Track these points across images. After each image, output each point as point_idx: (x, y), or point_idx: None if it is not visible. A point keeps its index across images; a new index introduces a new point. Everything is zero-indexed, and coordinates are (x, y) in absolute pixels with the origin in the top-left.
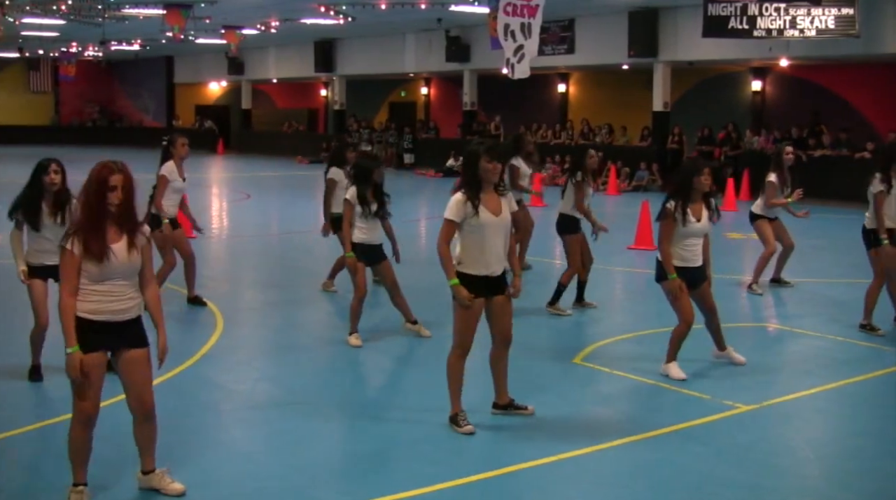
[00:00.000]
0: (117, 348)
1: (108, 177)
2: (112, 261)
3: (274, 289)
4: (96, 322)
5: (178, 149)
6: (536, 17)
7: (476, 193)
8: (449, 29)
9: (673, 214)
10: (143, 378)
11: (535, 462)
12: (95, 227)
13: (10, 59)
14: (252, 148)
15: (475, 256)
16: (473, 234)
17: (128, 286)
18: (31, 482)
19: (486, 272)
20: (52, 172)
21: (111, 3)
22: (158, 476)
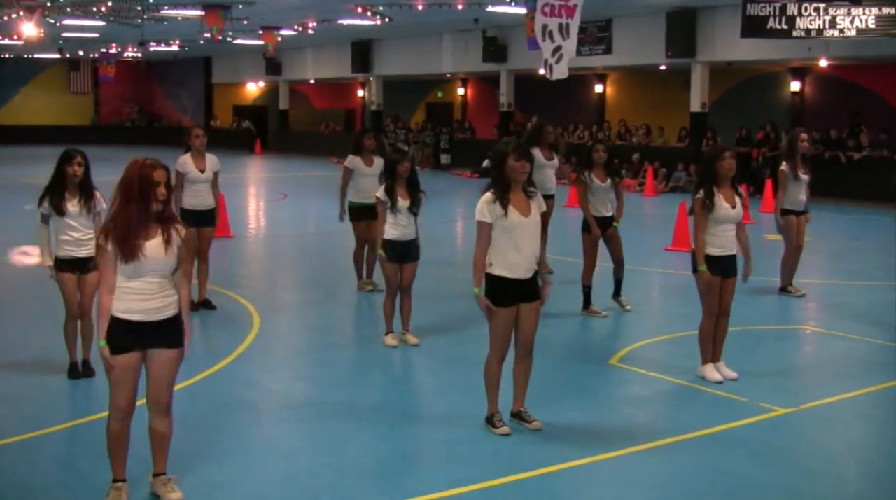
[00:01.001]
0: (151, 348)
1: (151, 174)
2: (146, 258)
3: (310, 288)
4: (131, 322)
5: (192, 140)
6: (574, 18)
7: (504, 193)
8: (486, 29)
9: (703, 201)
10: (167, 377)
11: (570, 464)
12: (134, 224)
13: (51, 61)
14: (289, 148)
15: (504, 257)
16: (502, 235)
17: (163, 284)
18: (69, 479)
19: (516, 275)
20: (75, 164)
21: (150, 4)
22: (161, 482)
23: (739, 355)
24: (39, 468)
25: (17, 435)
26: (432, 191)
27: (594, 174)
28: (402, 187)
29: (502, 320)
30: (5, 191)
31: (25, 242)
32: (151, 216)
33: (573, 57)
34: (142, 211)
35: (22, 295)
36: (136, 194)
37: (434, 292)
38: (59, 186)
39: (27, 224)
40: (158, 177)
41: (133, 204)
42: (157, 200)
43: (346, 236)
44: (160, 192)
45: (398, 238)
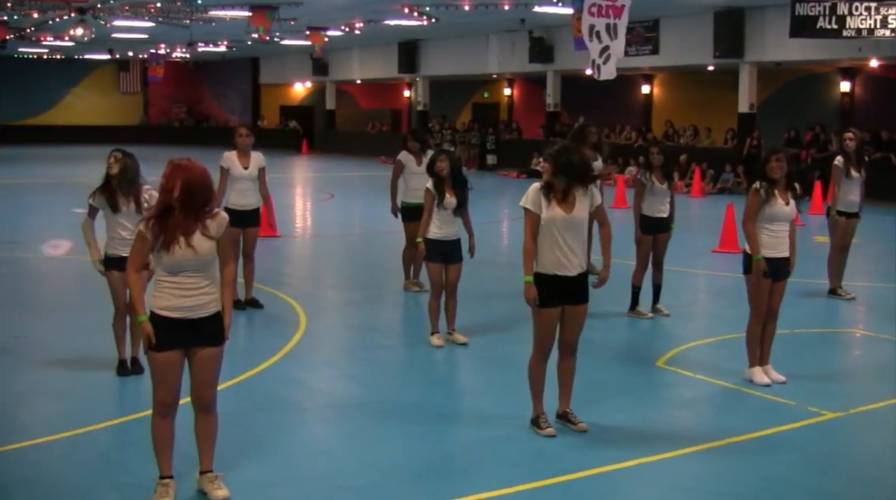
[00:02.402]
0: (192, 346)
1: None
2: (182, 251)
3: (356, 288)
4: (172, 320)
5: (237, 138)
6: (622, 18)
7: (550, 189)
8: (532, 30)
9: (758, 189)
10: (209, 376)
11: (615, 466)
12: (167, 216)
13: (101, 61)
14: (335, 148)
15: (548, 254)
16: (544, 229)
17: (201, 280)
18: (116, 476)
19: (561, 272)
20: (111, 161)
21: (198, 6)
22: (208, 479)
23: (787, 358)
24: (87, 465)
25: (64, 431)
26: (478, 191)
27: (654, 176)
28: (448, 186)
29: (546, 319)
30: (55, 190)
31: (74, 240)
32: (178, 210)
33: (621, 57)
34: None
35: (68, 291)
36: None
37: (479, 292)
38: (109, 184)
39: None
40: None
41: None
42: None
43: (391, 236)
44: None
45: (441, 237)
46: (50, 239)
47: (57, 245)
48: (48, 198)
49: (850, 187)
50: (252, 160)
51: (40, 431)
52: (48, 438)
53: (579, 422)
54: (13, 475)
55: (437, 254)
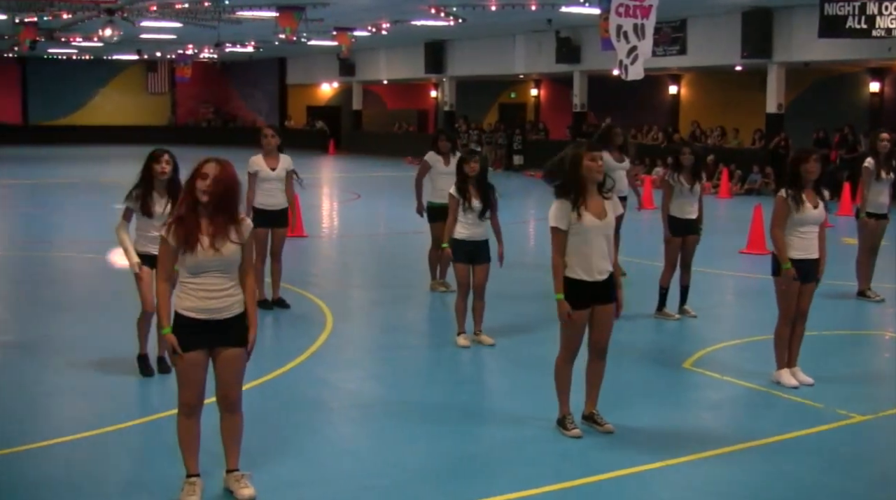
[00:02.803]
0: (216, 346)
1: (199, 167)
2: (205, 252)
3: (382, 288)
4: (197, 321)
5: (262, 139)
6: (650, 18)
7: (579, 196)
8: (559, 30)
9: (786, 199)
10: (234, 375)
11: (641, 468)
12: (189, 216)
13: (129, 62)
14: (362, 148)
15: (578, 260)
16: (577, 238)
17: (225, 281)
18: (143, 473)
19: (591, 278)
20: (163, 163)
21: (226, 6)
22: (235, 478)
23: (816, 360)
24: (114, 462)
25: (92, 429)
26: (505, 192)
27: (683, 177)
28: (474, 188)
29: (579, 322)
30: (84, 190)
31: (107, 238)
32: (200, 210)
33: (648, 58)
34: (188, 204)
35: (96, 290)
36: (185, 187)
37: (506, 292)
38: (147, 186)
39: (108, 221)
40: (206, 170)
41: (183, 197)
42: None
43: (418, 237)
44: (205, 184)
45: (468, 238)
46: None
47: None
48: (77, 197)
49: (879, 189)
50: (280, 162)
51: (68, 429)
52: (76, 436)
53: (605, 423)
54: (41, 472)
55: (464, 254)
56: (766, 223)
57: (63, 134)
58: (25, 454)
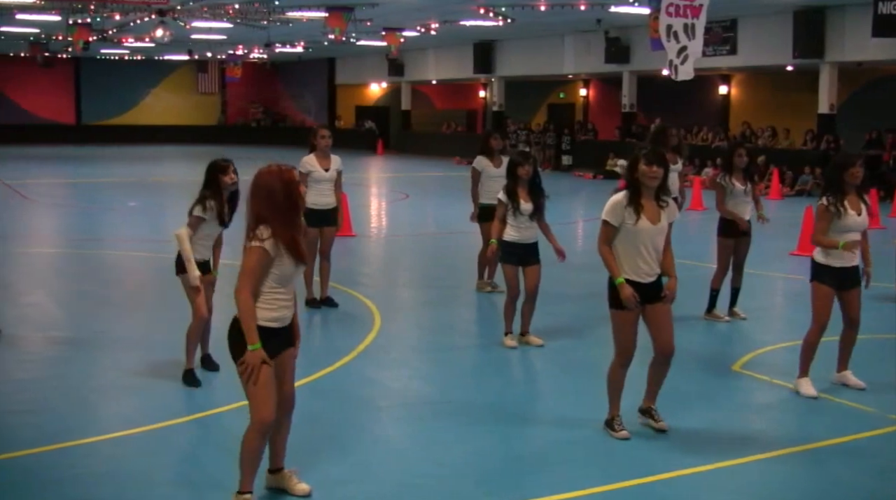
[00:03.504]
0: (280, 351)
1: (294, 177)
2: (297, 263)
3: (430, 288)
4: (272, 329)
5: (318, 140)
6: (700, 18)
7: (636, 198)
8: (608, 30)
9: (827, 207)
10: (293, 375)
11: (689, 470)
12: (295, 229)
13: (180, 62)
14: (411, 148)
15: (627, 261)
16: (627, 238)
17: (294, 287)
18: (190, 470)
19: (638, 279)
20: (231, 173)
21: (276, 7)
22: (287, 476)
23: (867, 364)
24: (162, 459)
25: (140, 426)
26: (553, 192)
27: (734, 178)
28: (524, 190)
29: (625, 321)
30: (136, 189)
31: (157, 237)
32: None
33: (698, 58)
34: (291, 215)
35: (148, 288)
36: (285, 200)
37: (553, 293)
38: (219, 196)
39: (157, 221)
40: (298, 178)
41: (282, 209)
42: (300, 199)
43: (465, 237)
44: (302, 192)
45: (518, 240)
46: (128, 231)
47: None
48: (129, 196)
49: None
50: (332, 162)
51: (114, 425)
52: (122, 432)
53: (661, 420)
54: (88, 468)
55: (514, 257)
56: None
57: (115, 133)
58: (73, 449)
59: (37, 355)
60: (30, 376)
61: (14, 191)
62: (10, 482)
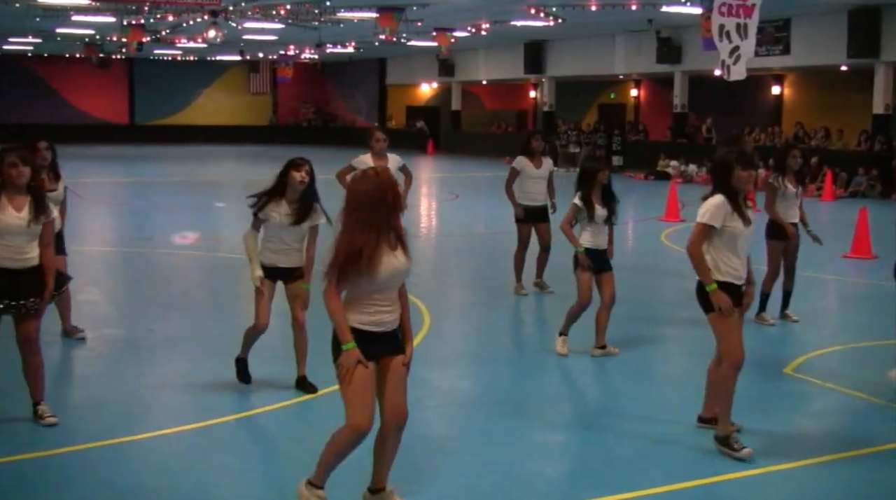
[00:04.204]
0: (381, 356)
1: (392, 179)
2: (389, 268)
3: (480, 289)
4: (368, 332)
5: (373, 143)
6: (753, 18)
7: (735, 202)
8: (660, 30)
9: None
10: (402, 386)
11: (741, 474)
12: (378, 238)
13: (232, 62)
14: (461, 149)
15: (727, 263)
16: (729, 241)
17: (395, 293)
18: (242, 466)
19: (736, 282)
20: (303, 172)
21: (327, 7)
22: (388, 495)
23: None
24: (214, 456)
25: (192, 423)
26: None
27: (787, 180)
28: (598, 196)
29: (734, 326)
30: (188, 188)
31: (209, 235)
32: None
33: (751, 58)
34: (388, 223)
35: (198, 286)
36: (383, 206)
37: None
38: (278, 193)
39: (213, 220)
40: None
41: (377, 217)
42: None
43: (515, 237)
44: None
45: (593, 246)
46: (180, 230)
47: (186, 236)
48: (180, 195)
49: None
50: (389, 161)
51: (168, 421)
52: (176, 428)
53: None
54: (144, 462)
55: (590, 263)
56: (872, 227)
57: (167, 133)
58: (128, 444)
59: (93, 351)
60: (87, 373)
61: (70, 190)
62: (70, 475)
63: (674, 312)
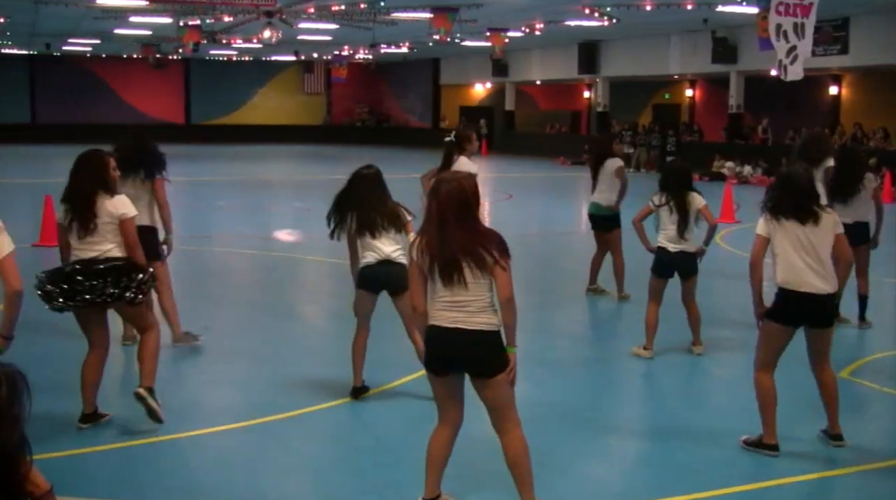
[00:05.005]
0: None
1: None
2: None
3: (539, 292)
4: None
5: (469, 144)
6: (810, 17)
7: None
8: (715, 30)
9: None
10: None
11: (798, 478)
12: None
13: (287, 63)
14: (514, 149)
15: None
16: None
17: None
18: (298, 463)
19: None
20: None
21: (381, 8)
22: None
23: None
24: (269, 453)
25: (246, 420)
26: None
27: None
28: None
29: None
30: (243, 187)
31: (266, 234)
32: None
33: (808, 57)
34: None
35: (252, 284)
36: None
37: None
38: (350, 204)
39: (266, 218)
40: None
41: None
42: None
43: (572, 238)
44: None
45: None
46: (236, 228)
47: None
48: (236, 194)
49: None
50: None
51: (223, 418)
52: (230, 426)
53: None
54: (198, 458)
55: (669, 267)
56: None
57: (222, 133)
58: (182, 441)
59: None
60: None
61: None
62: (125, 470)
63: (733, 315)
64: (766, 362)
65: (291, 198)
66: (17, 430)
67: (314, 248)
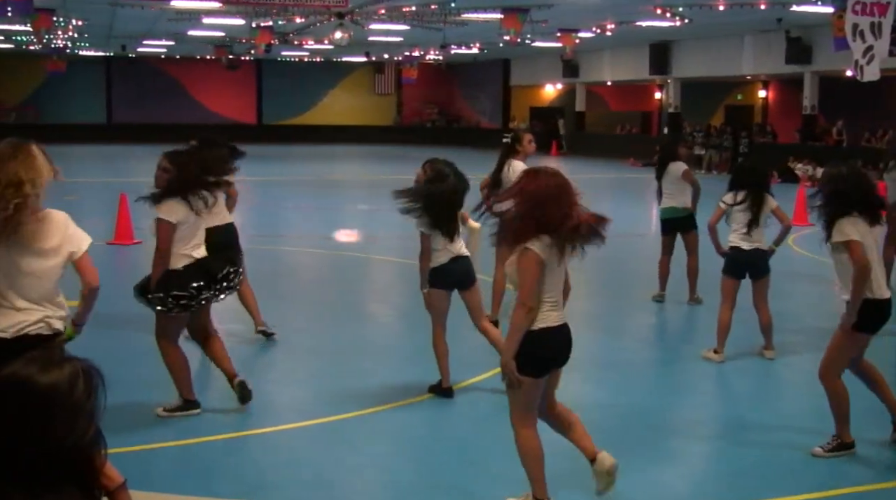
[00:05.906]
0: None
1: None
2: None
3: (609, 296)
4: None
5: (526, 146)
6: (887, 16)
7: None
8: (789, 30)
9: None
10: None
11: (864, 488)
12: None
13: (358, 64)
14: (584, 150)
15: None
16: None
17: None
18: (361, 462)
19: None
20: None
21: (452, 9)
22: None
23: None
24: (335, 452)
25: (314, 418)
26: None
27: None
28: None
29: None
30: (314, 187)
31: (333, 233)
32: None
33: (885, 58)
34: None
35: (322, 283)
36: (560, 205)
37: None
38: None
39: (337, 218)
40: None
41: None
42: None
43: (641, 240)
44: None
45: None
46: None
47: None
48: (307, 194)
49: None
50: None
51: (291, 416)
52: (298, 424)
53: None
54: (267, 455)
55: (742, 268)
56: None
57: (293, 133)
58: (252, 438)
59: None
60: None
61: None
62: (194, 466)
63: (806, 319)
64: (842, 368)
65: (361, 199)
66: (93, 424)
67: (384, 248)
